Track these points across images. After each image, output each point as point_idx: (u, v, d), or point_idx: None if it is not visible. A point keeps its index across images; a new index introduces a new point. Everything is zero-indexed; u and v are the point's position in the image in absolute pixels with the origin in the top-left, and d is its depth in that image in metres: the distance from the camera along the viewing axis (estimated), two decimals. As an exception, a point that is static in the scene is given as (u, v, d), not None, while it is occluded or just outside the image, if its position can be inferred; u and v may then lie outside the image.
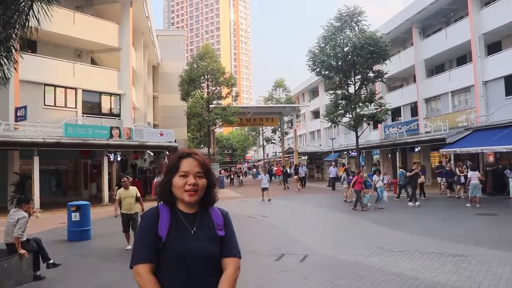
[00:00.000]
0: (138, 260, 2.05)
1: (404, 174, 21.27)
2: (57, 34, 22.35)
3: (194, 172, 2.13)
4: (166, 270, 2.06)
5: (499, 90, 23.91)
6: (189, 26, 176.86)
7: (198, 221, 2.16)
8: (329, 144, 42.41)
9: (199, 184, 2.13)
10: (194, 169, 2.14)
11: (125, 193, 10.18)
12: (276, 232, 12.23)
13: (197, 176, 2.14)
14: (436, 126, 27.55)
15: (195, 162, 2.16)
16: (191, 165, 2.15)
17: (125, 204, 10.09)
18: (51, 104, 22.98)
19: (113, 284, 7.02)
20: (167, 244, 2.05)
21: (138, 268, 2.04)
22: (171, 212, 2.15)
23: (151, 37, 33.65)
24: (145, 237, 2.09)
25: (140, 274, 2.02)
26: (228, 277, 2.15)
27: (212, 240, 2.15)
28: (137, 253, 2.08)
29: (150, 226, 2.10)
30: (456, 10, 28.53)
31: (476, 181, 16.50)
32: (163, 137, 25.49)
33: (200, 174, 2.15)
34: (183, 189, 2.11)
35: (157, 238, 2.07)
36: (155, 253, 2.06)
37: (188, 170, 2.13)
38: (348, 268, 7.62)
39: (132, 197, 10.12)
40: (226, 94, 37.46)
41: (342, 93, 30.38)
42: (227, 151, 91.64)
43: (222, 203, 2.32)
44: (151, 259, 2.05)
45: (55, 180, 25.51)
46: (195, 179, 2.12)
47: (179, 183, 2.11)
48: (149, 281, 2.01)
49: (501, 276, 6.69)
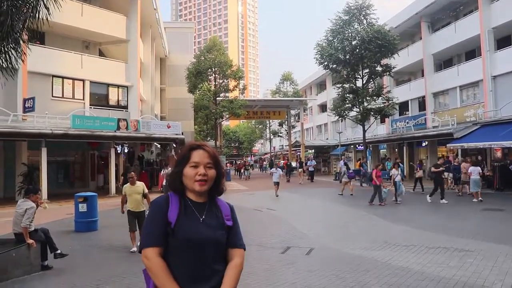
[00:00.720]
0: (147, 244, 2.10)
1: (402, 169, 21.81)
2: (65, 25, 22.37)
3: (205, 163, 2.20)
4: (175, 255, 2.11)
5: (508, 85, 23.68)
6: (196, 18, 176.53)
7: (207, 210, 2.23)
8: (336, 137, 42.29)
9: (209, 175, 2.19)
10: (204, 160, 2.21)
11: (131, 189, 9.43)
12: (282, 225, 12.25)
13: (207, 167, 2.20)
14: (444, 120, 27.41)
15: (205, 154, 2.23)
16: (201, 156, 2.22)
17: (131, 201, 9.34)
18: (59, 95, 23.09)
19: (119, 274, 7.08)
20: (176, 229, 2.11)
21: (146, 251, 2.08)
22: (181, 200, 2.21)
23: (158, 29, 33.63)
24: (154, 221, 2.14)
25: (148, 257, 2.07)
26: (236, 267, 2.22)
27: (220, 228, 2.21)
28: (146, 237, 2.14)
29: (160, 211, 2.15)
30: (465, 4, 28.25)
31: (476, 176, 16.56)
32: (170, 130, 25.56)
33: (210, 165, 2.22)
34: (193, 179, 2.17)
35: (166, 223, 2.12)
36: (164, 237, 2.11)
37: (199, 161, 2.20)
38: (354, 261, 7.63)
39: (138, 194, 9.36)
40: (233, 87, 37.44)
41: (349, 87, 30.25)
42: (234, 144, 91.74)
43: (228, 196, 2.36)
44: (159, 243, 2.10)
45: (63, 172, 25.66)
46: (205, 170, 2.19)
47: (190, 173, 2.18)
48: (157, 264, 2.06)
49: (507, 271, 6.67)
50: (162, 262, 2.07)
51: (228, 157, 65.41)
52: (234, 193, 23.22)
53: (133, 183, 9.45)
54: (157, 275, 2.05)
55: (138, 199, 9.32)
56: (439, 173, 17.08)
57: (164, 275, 2.04)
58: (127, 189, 9.45)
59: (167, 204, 2.18)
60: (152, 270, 2.06)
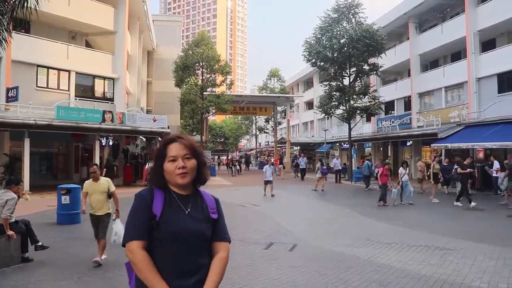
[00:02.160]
0: (131, 237, 2.08)
1: (370, 165, 23.49)
2: (51, 14, 22.05)
3: (182, 155, 2.17)
4: (159, 248, 2.09)
5: (491, 87, 24.06)
6: (185, 12, 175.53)
7: (192, 203, 2.21)
8: (321, 135, 42.48)
9: (188, 166, 2.17)
10: (181, 152, 2.18)
11: (92, 186, 7.60)
12: (266, 221, 12.28)
13: (186, 158, 2.18)
14: (429, 120, 27.71)
15: (181, 146, 2.20)
16: (177, 148, 2.19)
17: (93, 201, 7.52)
18: (44, 85, 22.77)
19: (102, 267, 7.01)
20: (161, 222, 2.08)
21: (130, 245, 2.06)
22: (165, 193, 2.19)
23: (147, 22, 33.35)
24: (139, 214, 2.11)
25: (132, 251, 2.04)
26: (221, 260, 2.21)
27: (206, 221, 2.20)
28: (130, 231, 2.11)
29: (144, 204, 2.13)
30: (453, 6, 28.54)
31: None
32: (156, 123, 25.42)
33: (188, 156, 2.19)
34: (174, 173, 2.15)
35: (151, 216, 2.09)
36: (149, 231, 2.08)
37: (176, 154, 2.17)
38: (336, 258, 7.69)
39: (102, 193, 7.54)
40: (220, 82, 37.31)
41: (336, 85, 30.37)
42: (219, 139, 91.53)
43: (212, 191, 2.34)
44: (144, 236, 2.07)
45: (46, 163, 25.38)
46: (184, 162, 2.16)
47: (170, 167, 2.16)
48: (141, 258, 2.03)
49: (486, 270, 6.79)
50: (146, 256, 2.05)
51: (213, 152, 65.28)
52: (218, 188, 23.19)
53: (96, 179, 7.66)
54: (141, 269, 2.02)
55: (101, 199, 7.53)
56: (466, 174, 15.76)
57: (148, 269, 2.02)
58: (88, 187, 7.65)
59: (152, 196, 2.15)
60: (136, 264, 2.04)
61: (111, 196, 7.67)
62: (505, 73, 23.26)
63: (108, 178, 7.93)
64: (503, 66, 23.01)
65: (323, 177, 22.30)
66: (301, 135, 58.43)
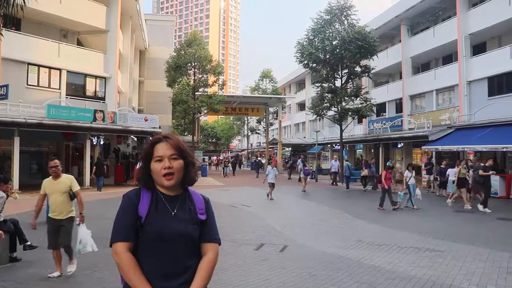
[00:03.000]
0: (116, 239, 2.07)
1: (350, 166, 24.47)
2: (43, 12, 21.90)
3: (168, 155, 2.15)
4: (145, 250, 2.08)
5: (482, 90, 24.25)
6: (178, 12, 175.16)
7: (179, 204, 2.18)
8: (313, 136, 42.58)
9: (175, 166, 2.14)
10: (168, 152, 2.16)
11: (51, 185, 6.48)
12: (257, 222, 12.27)
13: (172, 158, 2.15)
14: (420, 123, 27.86)
15: (167, 145, 2.18)
16: (164, 148, 2.17)
17: (52, 203, 6.46)
18: (34, 84, 22.57)
19: (91, 267, 6.99)
20: (146, 224, 2.07)
21: (116, 246, 2.05)
22: (152, 193, 2.17)
23: (139, 21, 33.21)
24: (124, 215, 2.11)
25: (117, 252, 2.04)
26: (209, 261, 2.18)
27: (192, 222, 2.17)
28: (116, 232, 2.10)
29: (131, 205, 2.12)
30: (444, 9, 28.74)
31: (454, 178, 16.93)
32: (147, 123, 25.32)
33: (175, 156, 2.16)
34: (160, 173, 2.12)
35: (136, 217, 2.09)
36: (134, 232, 2.08)
37: (162, 154, 2.15)
38: (327, 259, 7.71)
39: (62, 193, 6.44)
40: (212, 82, 37.24)
41: (328, 86, 30.43)
42: (211, 139, 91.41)
43: (203, 192, 2.32)
44: (129, 237, 2.07)
45: (36, 162, 25.17)
46: (170, 162, 2.14)
47: (157, 168, 2.14)
48: (126, 259, 2.03)
49: (474, 272, 6.85)
50: (131, 258, 2.04)
51: (205, 153, 65.17)
52: (210, 188, 23.15)
53: (57, 176, 6.52)
54: (126, 270, 2.02)
55: (62, 200, 6.45)
56: (489, 177, 15.08)
57: (132, 271, 2.01)
58: (47, 186, 6.52)
59: (138, 197, 2.14)
60: (120, 266, 2.03)
61: (74, 197, 6.55)
62: (495, 77, 23.47)
63: (71, 176, 6.77)
64: (493, 70, 23.23)
65: (306, 177, 22.81)
66: (292, 136, 58.50)
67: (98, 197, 17.70)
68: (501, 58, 22.91)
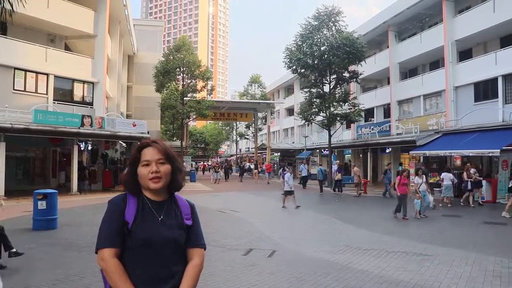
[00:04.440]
0: (102, 245, 2.05)
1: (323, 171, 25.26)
2: (30, 17, 21.67)
3: (156, 159, 2.15)
4: (131, 256, 2.07)
5: (468, 96, 24.53)
6: (167, 17, 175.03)
7: (165, 209, 2.18)
8: (302, 141, 42.70)
9: (162, 171, 2.14)
10: (155, 156, 2.16)
11: None
12: (245, 227, 12.24)
13: (159, 163, 2.15)
14: (408, 128, 28.08)
15: (155, 150, 2.18)
16: (152, 153, 2.17)
17: None
18: (21, 89, 22.32)
19: (78, 274, 6.91)
20: (133, 230, 2.06)
21: (102, 252, 2.04)
22: (139, 199, 2.17)
23: (127, 26, 33.10)
24: (111, 222, 2.09)
25: (103, 259, 2.02)
26: (194, 267, 2.18)
27: (179, 228, 2.17)
28: (102, 238, 2.07)
29: (117, 210, 2.11)
30: (431, 15, 29.06)
31: (449, 182, 17.23)
32: (136, 128, 25.19)
33: (162, 161, 2.16)
34: (147, 177, 2.12)
35: (123, 223, 2.08)
36: (121, 238, 2.06)
37: (150, 159, 2.15)
38: (315, 264, 7.71)
39: None
40: (201, 88, 37.24)
41: (317, 92, 30.59)
42: (200, 145, 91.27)
43: (191, 197, 2.32)
44: (116, 244, 2.05)
45: (22, 168, 24.89)
46: (157, 166, 2.13)
47: (143, 172, 2.13)
48: (112, 266, 2.01)
49: (461, 275, 6.91)
50: (118, 264, 2.03)
51: (193, 158, 65.07)
52: (198, 194, 23.07)
53: None
54: (112, 277, 2.00)
55: None
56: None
57: (119, 277, 2.00)
58: None
59: (124, 203, 2.14)
60: (107, 272, 2.02)
61: None
62: (481, 82, 23.76)
63: None
64: (479, 76, 23.52)
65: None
66: (281, 141, 58.59)
67: (85, 203, 17.53)
68: (486, 64, 23.22)
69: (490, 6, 22.88)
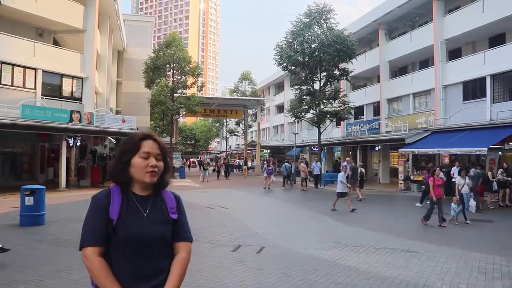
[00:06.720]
0: (86, 243, 2.00)
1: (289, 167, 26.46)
2: (17, 10, 21.36)
3: (155, 154, 2.13)
4: (117, 253, 2.02)
5: (457, 95, 24.75)
6: (157, 12, 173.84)
7: (151, 204, 2.14)
8: (291, 139, 42.70)
9: (159, 167, 2.12)
10: (155, 151, 2.14)
11: None
12: (234, 223, 12.24)
13: (158, 159, 2.13)
14: (397, 126, 28.25)
15: (156, 145, 2.15)
16: (152, 147, 2.14)
17: None
18: (8, 83, 22.05)
19: (65, 270, 6.86)
20: (118, 227, 2.01)
21: (86, 251, 1.99)
22: (123, 194, 2.11)
23: (117, 21, 32.82)
24: (95, 219, 2.03)
25: (88, 257, 1.97)
26: (181, 261, 2.16)
27: (165, 223, 2.13)
28: (86, 236, 2.02)
29: (100, 207, 2.05)
30: (421, 14, 29.22)
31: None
32: (125, 124, 25.04)
33: (160, 157, 2.15)
34: (144, 170, 2.08)
35: (107, 220, 2.02)
36: (105, 236, 2.01)
37: (150, 151, 2.11)
38: (303, 260, 7.74)
39: None
40: (191, 84, 37.07)
41: (307, 89, 30.66)
42: (189, 141, 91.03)
43: (180, 194, 2.31)
44: (100, 242, 2.00)
45: (9, 163, 24.66)
46: (156, 161, 2.12)
47: (141, 164, 2.09)
48: (97, 264, 1.97)
49: (447, 271, 7.00)
50: (102, 262, 1.98)
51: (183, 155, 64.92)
52: (187, 190, 23.02)
53: None
54: (97, 276, 1.96)
55: None
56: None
57: (104, 276, 1.96)
58: None
59: (108, 199, 2.07)
60: (92, 271, 1.97)
61: None
62: (469, 82, 24.00)
63: None
64: (468, 75, 23.74)
65: (269, 176, 24.94)
66: (271, 138, 58.62)
67: (73, 199, 17.41)
68: (475, 63, 23.43)
69: (479, 6, 23.07)
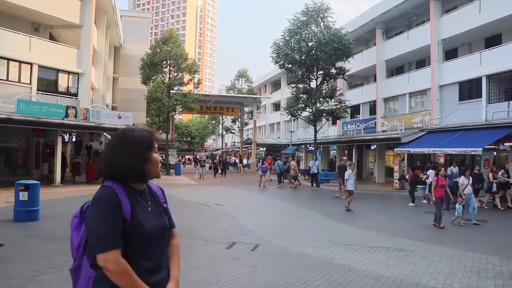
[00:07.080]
0: (107, 247, 1.90)
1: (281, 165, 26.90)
2: (13, 4, 21.29)
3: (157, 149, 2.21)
4: (133, 250, 1.99)
5: (453, 95, 24.81)
6: (155, 9, 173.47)
7: (149, 198, 2.18)
8: (287, 137, 42.82)
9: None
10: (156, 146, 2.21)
11: None
12: (229, 220, 12.24)
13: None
14: (393, 125, 28.30)
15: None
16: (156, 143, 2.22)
17: None
18: (3, 78, 21.92)
19: (59, 265, 6.84)
20: (133, 225, 1.99)
21: (110, 255, 1.89)
22: (127, 191, 2.07)
23: (114, 17, 32.71)
24: (110, 220, 1.94)
25: (113, 261, 1.89)
26: (176, 246, 2.29)
27: (164, 213, 2.23)
28: (104, 240, 1.91)
29: (116, 208, 1.97)
30: (418, 14, 29.25)
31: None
32: (121, 120, 24.96)
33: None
34: (159, 164, 2.16)
35: (122, 220, 1.97)
36: (123, 236, 1.96)
37: (157, 146, 2.19)
38: (298, 258, 7.75)
39: None
40: (187, 81, 37.01)
41: (303, 87, 30.67)
42: (185, 138, 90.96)
43: (176, 190, 2.32)
44: (120, 244, 1.94)
45: (4, 158, 24.57)
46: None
47: (158, 158, 2.16)
48: (124, 267, 1.91)
49: (441, 270, 7.03)
50: (125, 264, 1.92)
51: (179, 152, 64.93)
52: (182, 187, 23.01)
53: None
54: (125, 278, 1.90)
55: None
56: None
57: (131, 277, 1.91)
58: None
59: (118, 198, 1.99)
60: (119, 275, 1.89)
61: None
62: (465, 82, 24.05)
63: None
64: (464, 75, 23.79)
65: (264, 174, 25.28)
66: (267, 136, 58.66)
67: (67, 195, 17.36)
68: (471, 64, 23.49)
69: (476, 7, 23.13)
